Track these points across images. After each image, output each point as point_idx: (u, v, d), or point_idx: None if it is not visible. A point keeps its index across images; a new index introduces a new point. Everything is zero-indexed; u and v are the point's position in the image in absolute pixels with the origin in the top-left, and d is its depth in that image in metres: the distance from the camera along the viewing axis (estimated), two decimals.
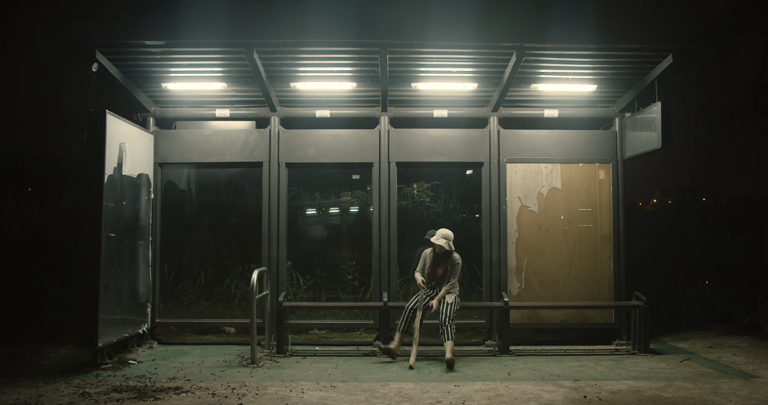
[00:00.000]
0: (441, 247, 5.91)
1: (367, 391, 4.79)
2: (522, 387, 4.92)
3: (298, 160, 6.90)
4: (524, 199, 6.86)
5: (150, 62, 6.41)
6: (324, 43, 6.19)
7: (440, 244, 5.89)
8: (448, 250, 5.95)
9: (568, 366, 5.72)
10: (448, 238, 5.94)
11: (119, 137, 5.97)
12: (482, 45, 6.18)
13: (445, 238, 5.92)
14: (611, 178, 6.90)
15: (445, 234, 5.95)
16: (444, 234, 5.95)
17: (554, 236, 6.81)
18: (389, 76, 6.51)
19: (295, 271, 7.49)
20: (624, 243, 6.82)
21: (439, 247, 5.92)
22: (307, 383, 5.04)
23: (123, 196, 6.08)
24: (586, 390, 4.83)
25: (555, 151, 6.92)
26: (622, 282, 6.78)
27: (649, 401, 4.52)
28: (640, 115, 6.55)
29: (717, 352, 6.39)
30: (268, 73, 6.54)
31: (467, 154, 6.94)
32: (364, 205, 7.79)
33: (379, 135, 6.91)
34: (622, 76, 6.73)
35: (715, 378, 5.25)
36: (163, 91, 6.93)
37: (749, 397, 4.63)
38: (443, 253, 5.98)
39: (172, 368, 5.61)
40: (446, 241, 5.91)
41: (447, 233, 5.97)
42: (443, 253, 5.98)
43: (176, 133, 7.03)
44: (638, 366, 5.73)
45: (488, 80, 6.75)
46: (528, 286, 6.78)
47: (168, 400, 4.55)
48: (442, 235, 5.93)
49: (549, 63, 6.45)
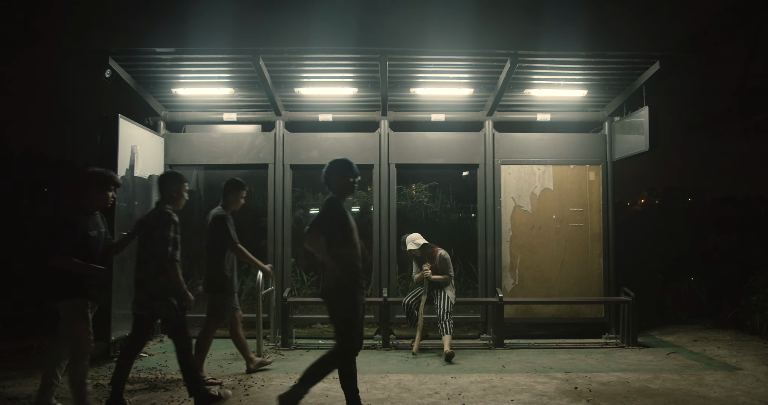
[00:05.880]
0: (413, 250, 5.96)
1: (368, 382, 4.79)
2: (516, 378, 4.93)
3: (302, 162, 6.91)
4: (518, 200, 6.86)
5: (161, 68, 6.42)
6: (326, 50, 6.19)
7: (410, 248, 5.95)
8: (425, 248, 5.97)
9: (560, 359, 5.73)
10: (413, 239, 5.97)
11: (131, 140, 5.98)
12: (478, 52, 6.19)
13: (412, 242, 5.96)
14: (601, 180, 6.91)
15: (411, 238, 5.99)
16: (411, 239, 5.99)
17: (547, 235, 6.82)
18: (389, 82, 6.52)
19: (298, 267, 7.51)
20: (613, 241, 6.82)
21: (411, 251, 5.97)
22: None
23: (135, 197, 6.08)
24: (576, 381, 4.84)
25: (547, 154, 6.92)
26: (611, 278, 6.78)
27: (637, 392, 4.53)
28: (628, 119, 6.56)
29: (702, 345, 6.40)
30: (274, 79, 6.55)
31: (463, 157, 6.95)
32: (365, 205, 7.80)
33: (379, 138, 6.91)
34: (612, 82, 6.73)
35: (700, 370, 5.26)
36: (173, 96, 6.93)
37: (733, 388, 4.64)
38: (425, 253, 6.00)
39: None
40: (412, 241, 5.96)
41: (412, 236, 6.01)
42: (425, 253, 6.00)
43: (185, 136, 7.04)
44: (627, 358, 5.73)
45: (483, 86, 6.75)
46: (522, 282, 6.78)
47: (178, 391, 4.55)
48: (410, 241, 5.97)
49: (542, 69, 6.46)
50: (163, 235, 3.90)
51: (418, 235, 6.04)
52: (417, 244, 5.94)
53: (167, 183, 4.15)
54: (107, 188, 3.87)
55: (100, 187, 3.84)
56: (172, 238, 3.93)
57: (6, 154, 16.00)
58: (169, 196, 4.13)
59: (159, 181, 4.19)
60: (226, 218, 4.87)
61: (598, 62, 6.31)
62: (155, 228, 3.94)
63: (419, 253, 5.99)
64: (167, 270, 3.92)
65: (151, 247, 3.95)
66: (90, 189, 3.83)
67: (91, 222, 3.83)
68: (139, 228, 4.05)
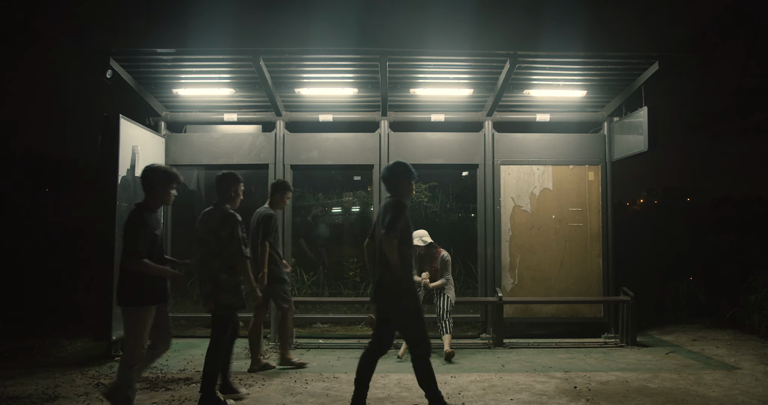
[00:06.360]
0: (418, 247, 5.85)
1: None
2: (515, 378, 4.93)
3: (302, 162, 6.91)
4: (517, 200, 6.86)
5: (161, 69, 6.42)
6: (327, 51, 6.19)
7: (416, 243, 5.85)
8: (429, 248, 5.90)
9: (559, 358, 5.73)
10: (420, 235, 5.89)
11: (132, 140, 5.98)
12: (477, 52, 6.19)
13: (419, 238, 5.85)
14: (600, 180, 6.91)
15: (419, 234, 5.89)
16: (418, 234, 5.88)
17: (546, 234, 6.82)
18: (389, 83, 6.52)
19: (299, 267, 7.50)
20: (612, 241, 6.82)
21: (417, 247, 5.89)
22: (310, 374, 5.05)
23: (136, 197, 6.06)
24: (576, 381, 4.84)
25: (546, 154, 6.92)
26: (610, 278, 6.78)
27: (636, 391, 4.53)
28: (627, 119, 6.56)
29: (701, 344, 6.40)
30: (274, 80, 6.55)
31: (463, 157, 6.95)
32: (365, 205, 7.81)
33: (379, 138, 6.91)
34: (611, 82, 6.73)
35: (698, 369, 5.26)
36: (173, 97, 6.93)
37: (731, 388, 4.64)
38: (428, 252, 5.94)
39: (182, 360, 5.62)
40: (419, 237, 5.86)
41: (419, 232, 5.92)
42: (428, 252, 5.94)
43: (186, 136, 7.04)
44: (626, 358, 5.74)
45: (483, 86, 6.75)
46: (521, 282, 6.78)
47: (178, 390, 4.55)
48: (417, 236, 5.84)
49: (541, 70, 6.46)
50: (233, 235, 4.05)
51: (425, 232, 5.94)
52: (424, 242, 5.85)
53: (226, 184, 4.28)
54: (170, 186, 3.86)
55: (163, 186, 3.81)
56: (241, 237, 4.10)
57: (7, 154, 15.99)
58: (228, 196, 4.27)
59: (218, 182, 4.29)
60: (272, 217, 5.18)
61: (597, 63, 6.31)
62: (222, 228, 4.07)
63: (423, 250, 5.95)
64: (238, 267, 4.08)
65: (215, 246, 4.07)
66: (153, 187, 3.79)
67: (154, 221, 3.80)
68: (201, 228, 4.17)
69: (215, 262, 4.07)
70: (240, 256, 4.08)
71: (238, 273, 4.12)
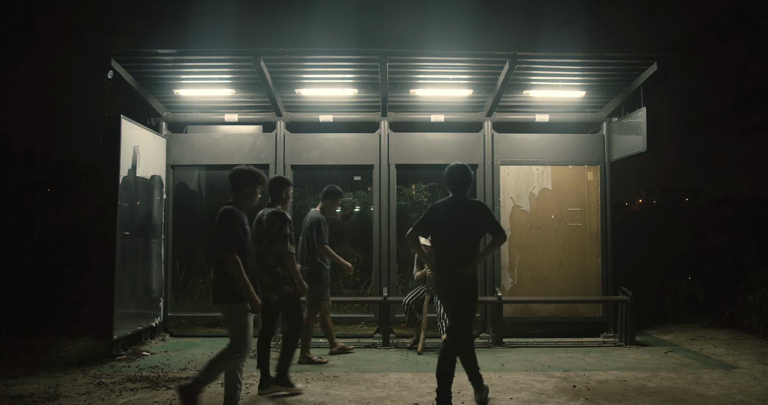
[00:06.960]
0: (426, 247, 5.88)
1: (368, 380, 4.80)
2: (515, 377, 4.93)
3: (302, 162, 6.91)
4: (517, 200, 6.87)
5: (162, 70, 6.42)
6: (327, 52, 6.20)
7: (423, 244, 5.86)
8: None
9: (558, 357, 5.73)
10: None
11: (133, 141, 5.98)
12: (477, 53, 6.19)
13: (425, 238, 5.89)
14: (599, 180, 6.91)
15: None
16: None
17: (545, 234, 6.82)
18: (389, 83, 6.52)
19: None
20: (611, 241, 6.83)
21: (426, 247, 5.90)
22: (311, 373, 5.05)
23: (137, 197, 6.09)
24: (575, 380, 4.84)
25: (546, 154, 6.93)
26: (609, 278, 6.79)
27: (634, 390, 4.53)
28: (626, 119, 6.56)
29: (699, 344, 6.40)
30: (275, 80, 6.55)
31: (463, 157, 6.93)
32: (365, 205, 7.81)
33: (379, 139, 6.92)
34: (610, 83, 6.74)
35: (697, 368, 5.26)
36: (174, 97, 6.94)
37: (730, 387, 4.64)
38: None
39: (183, 359, 5.62)
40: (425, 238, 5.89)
41: None
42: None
43: (187, 136, 7.04)
44: (625, 357, 5.74)
45: (483, 87, 6.76)
46: (520, 281, 6.79)
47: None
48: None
49: (540, 70, 6.46)
50: (281, 232, 4.33)
51: None
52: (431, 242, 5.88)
53: (278, 186, 4.59)
54: (257, 186, 3.97)
55: (252, 185, 3.93)
56: (288, 235, 4.36)
57: (9, 154, 15.98)
58: (279, 198, 4.57)
59: (270, 185, 4.54)
60: (322, 221, 5.47)
61: (596, 63, 6.32)
62: (273, 226, 4.34)
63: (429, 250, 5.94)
64: (286, 262, 4.35)
65: (267, 243, 4.33)
66: (244, 186, 3.90)
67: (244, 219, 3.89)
68: (256, 227, 4.39)
69: (269, 258, 4.34)
70: (284, 252, 4.33)
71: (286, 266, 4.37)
